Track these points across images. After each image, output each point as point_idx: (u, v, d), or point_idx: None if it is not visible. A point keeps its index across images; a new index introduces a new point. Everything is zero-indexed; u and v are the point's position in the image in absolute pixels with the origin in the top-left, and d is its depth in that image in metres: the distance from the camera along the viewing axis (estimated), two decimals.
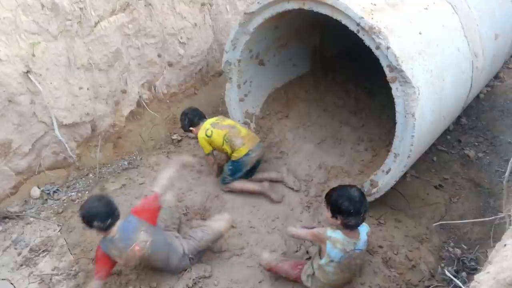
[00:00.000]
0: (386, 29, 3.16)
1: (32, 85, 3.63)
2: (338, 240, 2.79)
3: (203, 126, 4.04)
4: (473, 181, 4.25)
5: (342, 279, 3.04)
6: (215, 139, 3.95)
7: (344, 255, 2.82)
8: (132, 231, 2.92)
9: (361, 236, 2.86)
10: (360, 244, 2.86)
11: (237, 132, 3.97)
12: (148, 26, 4.43)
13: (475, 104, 5.17)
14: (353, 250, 2.83)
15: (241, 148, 3.92)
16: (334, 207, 2.76)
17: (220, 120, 4.11)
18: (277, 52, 4.72)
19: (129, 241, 2.89)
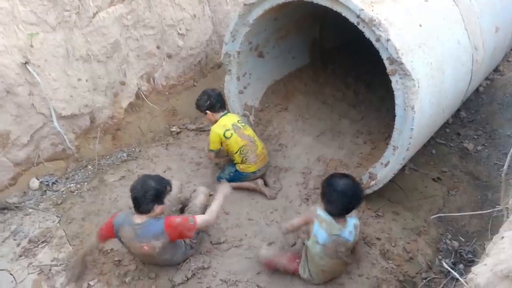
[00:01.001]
0: (386, 21, 3.14)
1: (30, 76, 3.62)
2: (325, 220, 2.91)
3: (223, 122, 3.91)
4: (472, 174, 4.26)
5: (331, 266, 3.07)
6: (231, 144, 3.87)
7: (329, 238, 2.90)
8: (152, 235, 2.90)
9: (347, 225, 2.94)
10: (345, 232, 2.93)
11: (254, 148, 3.93)
12: (147, 17, 4.40)
13: (474, 97, 5.17)
14: (338, 236, 2.91)
15: (252, 166, 3.94)
16: (323, 193, 2.96)
17: (242, 125, 3.97)
18: (277, 44, 4.70)
19: (144, 239, 2.91)
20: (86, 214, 3.67)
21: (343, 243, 2.95)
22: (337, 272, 3.19)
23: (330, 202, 2.90)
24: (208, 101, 3.96)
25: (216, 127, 3.89)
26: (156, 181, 2.94)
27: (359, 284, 3.24)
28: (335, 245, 2.94)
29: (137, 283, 3.14)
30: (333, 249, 2.96)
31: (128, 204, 3.75)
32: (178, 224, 2.94)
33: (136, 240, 2.92)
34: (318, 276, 3.12)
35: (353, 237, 3.00)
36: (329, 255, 2.98)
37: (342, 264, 3.14)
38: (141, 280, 3.17)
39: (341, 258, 3.03)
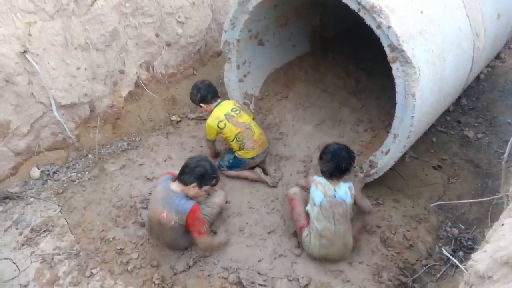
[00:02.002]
0: (387, 8, 3.12)
1: (29, 65, 3.60)
2: (320, 182, 3.24)
3: (216, 114, 3.90)
4: (472, 162, 4.26)
5: (329, 234, 3.16)
6: (226, 133, 3.88)
7: (325, 198, 3.17)
8: (175, 208, 3.04)
9: (341, 186, 3.22)
10: (340, 192, 3.19)
11: (251, 134, 3.91)
12: (146, 5, 4.36)
13: (475, 84, 5.15)
14: (333, 197, 3.17)
15: (250, 152, 3.93)
16: (319, 157, 3.34)
17: (236, 113, 3.93)
18: (277, 32, 4.66)
19: (167, 207, 3.04)
20: (87, 203, 3.69)
21: (339, 203, 3.16)
22: (337, 244, 3.21)
23: (324, 163, 3.26)
24: (198, 94, 3.99)
25: (210, 120, 3.91)
26: (211, 167, 3.17)
27: (359, 271, 3.27)
28: (331, 205, 3.16)
29: (139, 271, 3.17)
30: (329, 210, 3.16)
31: (129, 193, 3.77)
32: (197, 220, 3.10)
33: (161, 203, 3.06)
34: (317, 244, 3.21)
35: (350, 198, 3.19)
36: (326, 218, 3.16)
37: (342, 235, 3.19)
38: (143, 268, 3.19)
39: (340, 224, 3.16)
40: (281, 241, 3.49)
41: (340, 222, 3.17)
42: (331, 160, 3.23)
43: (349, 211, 3.22)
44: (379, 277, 3.22)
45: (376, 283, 3.19)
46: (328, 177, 3.25)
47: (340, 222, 3.17)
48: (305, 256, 3.35)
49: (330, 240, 3.19)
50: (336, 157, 3.23)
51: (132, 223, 3.52)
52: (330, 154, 3.26)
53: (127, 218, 3.56)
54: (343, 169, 3.23)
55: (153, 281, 3.11)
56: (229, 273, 3.19)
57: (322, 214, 3.17)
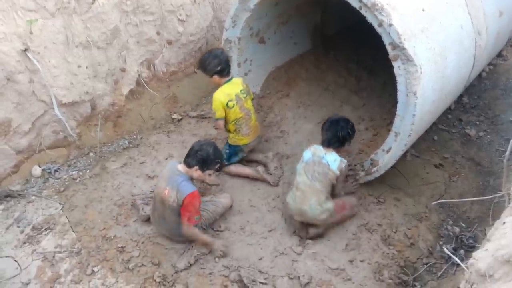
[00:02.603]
0: (388, 5, 3.11)
1: (30, 64, 3.60)
2: (315, 147, 3.48)
3: (227, 90, 3.77)
4: (473, 160, 4.25)
5: (305, 189, 3.35)
6: (229, 114, 3.80)
7: (312, 157, 3.40)
8: (177, 186, 3.11)
9: (333, 154, 3.39)
10: (329, 158, 3.36)
11: (249, 121, 3.91)
12: (147, 3, 4.35)
13: (477, 82, 5.13)
14: (320, 158, 3.37)
15: (244, 138, 3.92)
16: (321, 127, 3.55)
17: (244, 96, 3.86)
18: (278, 29, 4.65)
19: (170, 184, 3.14)
20: (89, 201, 3.69)
21: (323, 164, 3.35)
22: (310, 200, 3.32)
23: (324, 132, 3.47)
24: (219, 65, 3.75)
25: (220, 94, 3.75)
26: (214, 151, 3.20)
27: (360, 269, 3.27)
28: (315, 164, 3.37)
29: (140, 269, 3.18)
30: (311, 167, 3.37)
31: (130, 191, 3.77)
32: (192, 206, 3.11)
33: (166, 180, 3.19)
34: (293, 196, 3.42)
35: (336, 167, 3.34)
36: (306, 173, 3.38)
37: (314, 193, 3.32)
38: (145, 266, 3.20)
39: (315, 181, 3.32)
40: (282, 239, 3.50)
41: (316, 179, 3.34)
42: (329, 129, 3.44)
43: (330, 177, 3.35)
44: (380, 276, 3.22)
45: (377, 281, 3.19)
46: (326, 145, 3.43)
47: (316, 179, 3.34)
48: (306, 254, 3.36)
49: (303, 193, 3.36)
50: (334, 126, 3.43)
51: (133, 221, 3.53)
52: (329, 123, 3.49)
53: (128, 216, 3.57)
54: (341, 138, 3.41)
55: (154, 279, 3.11)
56: (230, 271, 3.19)
57: (304, 169, 3.39)
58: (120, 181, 3.89)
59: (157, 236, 3.41)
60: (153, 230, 3.45)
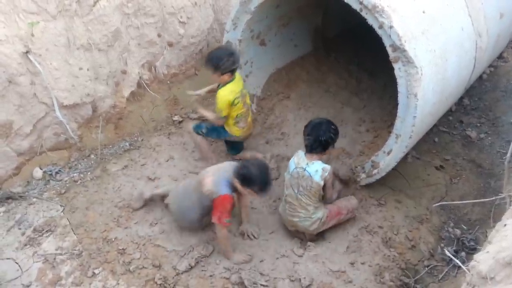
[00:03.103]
0: (389, 7, 3.11)
1: (32, 66, 3.60)
2: (298, 155, 3.38)
3: (233, 87, 3.70)
4: (474, 162, 4.25)
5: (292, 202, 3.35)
6: (234, 110, 3.77)
7: (295, 169, 3.31)
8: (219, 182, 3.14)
9: (316, 164, 3.27)
10: (311, 169, 3.26)
11: (247, 116, 3.94)
12: (148, 5, 4.36)
13: (478, 84, 5.13)
14: (303, 169, 3.27)
15: (240, 130, 3.93)
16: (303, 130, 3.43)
17: (244, 92, 3.86)
18: (279, 31, 4.66)
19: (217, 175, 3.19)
20: (90, 203, 3.69)
21: (306, 177, 3.26)
22: (299, 214, 3.33)
23: (306, 136, 3.35)
24: (234, 64, 3.63)
25: (227, 92, 3.66)
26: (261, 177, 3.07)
27: (361, 271, 3.27)
28: (298, 177, 3.29)
29: (141, 272, 3.18)
30: (295, 181, 3.30)
31: (131, 194, 3.77)
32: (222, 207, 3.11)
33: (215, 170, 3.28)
34: (283, 208, 3.45)
35: (319, 178, 3.23)
36: (292, 186, 3.33)
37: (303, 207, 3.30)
38: (146, 268, 3.20)
39: (302, 196, 3.28)
40: (283, 241, 3.50)
41: (302, 194, 3.29)
42: (310, 133, 3.32)
43: (315, 188, 3.27)
44: (381, 278, 3.22)
45: (378, 283, 3.19)
46: (309, 151, 3.33)
47: (302, 194, 3.29)
48: (307, 256, 3.35)
49: (293, 208, 3.36)
50: (315, 130, 3.30)
51: (135, 223, 3.53)
52: (310, 127, 3.36)
53: (130, 219, 3.57)
54: (323, 142, 3.28)
55: (155, 281, 3.11)
56: (231, 274, 3.19)
57: (290, 181, 3.35)
58: (121, 183, 3.89)
59: (158, 239, 3.41)
60: (154, 232, 3.45)
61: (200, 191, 3.18)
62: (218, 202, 3.12)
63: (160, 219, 3.57)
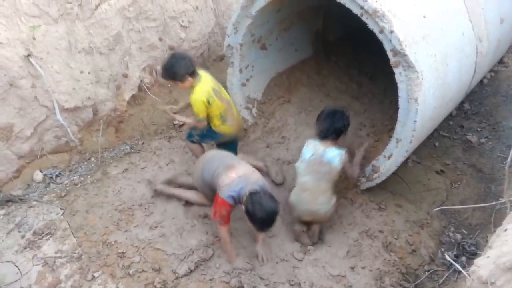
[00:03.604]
0: (390, 12, 3.12)
1: (33, 69, 3.61)
2: (312, 142, 3.46)
3: (204, 88, 3.57)
4: (475, 167, 4.25)
5: (312, 187, 3.36)
6: (212, 109, 3.62)
7: (312, 156, 3.38)
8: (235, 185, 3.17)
9: (331, 149, 3.38)
10: (328, 154, 3.37)
11: (232, 110, 3.80)
12: (149, 9, 4.38)
13: (478, 89, 5.14)
14: (321, 156, 3.36)
15: (230, 127, 3.79)
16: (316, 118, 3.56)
17: (219, 87, 3.74)
18: (280, 36, 4.67)
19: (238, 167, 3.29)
20: (90, 206, 3.69)
21: (325, 162, 3.35)
22: (318, 199, 3.37)
23: (320, 124, 3.47)
24: (190, 65, 3.49)
25: (199, 94, 3.53)
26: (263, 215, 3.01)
27: (361, 276, 3.26)
28: (317, 163, 3.36)
29: (141, 275, 3.17)
30: (315, 167, 3.36)
31: (131, 197, 3.77)
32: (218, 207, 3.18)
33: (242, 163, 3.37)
34: (299, 197, 3.42)
35: (338, 162, 3.35)
36: (310, 172, 3.37)
37: (322, 192, 3.36)
38: (145, 272, 3.19)
39: (320, 181, 3.34)
40: (283, 245, 3.49)
41: (321, 179, 3.35)
42: (325, 121, 3.44)
43: (334, 174, 3.37)
44: (381, 282, 3.21)
45: None
46: (322, 138, 3.42)
47: (321, 179, 3.35)
48: (307, 261, 3.34)
49: (311, 192, 3.36)
50: (330, 118, 3.44)
51: (134, 227, 3.52)
52: (325, 115, 3.49)
53: (129, 222, 3.56)
54: (338, 130, 3.42)
55: (154, 285, 3.11)
56: (230, 278, 3.18)
57: (308, 169, 3.38)
58: (121, 186, 3.89)
59: (157, 242, 3.40)
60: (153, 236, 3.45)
61: (218, 175, 3.25)
62: (217, 200, 3.18)
63: (160, 223, 3.56)
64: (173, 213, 3.65)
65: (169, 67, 3.51)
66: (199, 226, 3.55)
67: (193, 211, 3.68)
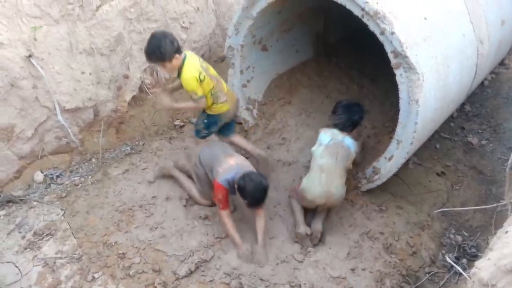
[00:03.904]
0: (391, 14, 3.12)
1: (34, 70, 3.62)
2: (329, 130, 3.60)
3: (192, 64, 3.43)
4: (476, 169, 4.24)
5: (329, 168, 3.44)
6: (204, 87, 3.48)
7: (332, 141, 3.51)
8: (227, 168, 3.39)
9: (348, 138, 3.56)
10: (347, 141, 3.54)
11: (222, 87, 3.71)
12: (150, 10, 4.39)
13: (479, 91, 5.14)
14: (341, 141, 3.51)
15: (224, 105, 3.72)
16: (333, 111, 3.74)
17: (206, 65, 3.63)
18: (281, 37, 4.68)
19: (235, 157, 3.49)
20: (90, 207, 3.69)
21: (343, 147, 3.49)
22: (335, 181, 3.45)
23: (338, 116, 3.63)
24: (174, 42, 3.32)
25: (190, 71, 3.40)
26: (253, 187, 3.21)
27: (362, 278, 3.25)
28: (336, 146, 3.49)
29: (141, 276, 3.17)
30: (334, 150, 3.48)
31: (132, 198, 3.77)
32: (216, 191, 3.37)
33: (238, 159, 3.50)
34: (317, 179, 3.44)
35: (354, 149, 3.54)
36: (330, 154, 3.47)
37: (339, 176, 3.46)
38: (145, 273, 3.19)
39: (339, 163, 3.45)
40: (283, 247, 3.49)
41: (340, 162, 3.46)
42: (343, 113, 3.61)
43: (350, 160, 3.52)
44: (382, 284, 3.20)
45: None
46: (340, 129, 3.58)
47: (340, 162, 3.46)
48: (308, 262, 3.34)
49: (330, 174, 3.43)
50: (348, 110, 3.62)
51: (135, 228, 3.52)
52: (343, 108, 3.65)
53: (130, 223, 3.56)
54: (355, 122, 3.62)
55: (154, 286, 3.10)
56: (231, 279, 3.18)
57: (327, 151, 3.48)
58: (121, 187, 3.89)
59: (158, 243, 3.40)
60: (154, 237, 3.45)
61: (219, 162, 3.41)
62: (214, 185, 3.39)
63: (161, 224, 3.56)
64: (173, 214, 3.65)
65: (155, 48, 3.31)
66: (199, 227, 3.55)
67: (194, 212, 3.68)
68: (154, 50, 3.32)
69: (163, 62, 3.37)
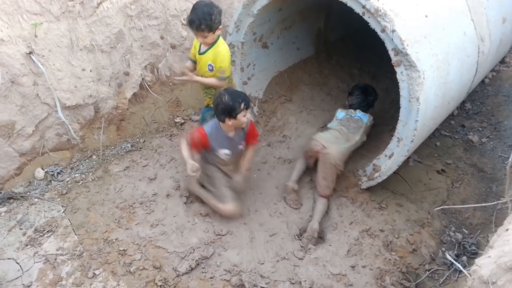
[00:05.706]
0: (392, 11, 3.12)
1: (34, 66, 3.62)
2: (344, 110, 4.12)
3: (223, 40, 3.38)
4: (476, 166, 4.25)
5: (339, 132, 3.92)
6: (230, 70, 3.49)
7: (346, 115, 4.06)
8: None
9: (361, 113, 4.07)
10: (359, 114, 4.05)
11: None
12: (151, 7, 4.38)
13: (480, 89, 5.13)
14: (354, 115, 4.03)
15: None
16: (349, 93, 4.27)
17: None
18: (281, 35, 4.67)
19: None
20: (91, 204, 3.70)
21: (355, 119, 4.01)
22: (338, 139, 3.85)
23: (354, 97, 4.15)
24: (219, 14, 3.24)
25: (226, 47, 3.35)
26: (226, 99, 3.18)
27: (362, 275, 3.26)
28: (349, 119, 4.03)
29: (142, 273, 3.18)
30: (347, 122, 4.01)
31: (132, 195, 3.78)
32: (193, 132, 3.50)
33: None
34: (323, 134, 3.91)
35: (367, 119, 4.01)
36: (344, 125, 3.99)
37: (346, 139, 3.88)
38: (146, 269, 3.20)
39: (351, 133, 3.93)
40: (283, 244, 3.49)
41: (352, 132, 3.94)
42: (360, 94, 4.13)
43: (363, 129, 3.96)
44: (382, 282, 3.21)
45: (379, 287, 3.18)
46: (355, 108, 4.07)
47: (352, 132, 3.94)
48: (308, 259, 3.35)
49: (340, 133, 3.90)
50: (364, 92, 4.14)
51: (135, 224, 3.53)
52: (359, 90, 4.17)
53: (131, 220, 3.57)
54: (370, 101, 4.14)
55: (155, 282, 3.11)
56: (231, 276, 3.19)
57: (341, 122, 4.01)
58: (122, 184, 3.89)
59: (158, 240, 3.41)
60: (154, 234, 3.46)
61: None
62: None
63: (161, 221, 3.57)
64: (174, 211, 3.66)
65: (205, 15, 3.16)
66: (200, 224, 3.56)
67: (194, 209, 3.69)
68: (205, 17, 3.17)
69: (209, 31, 3.23)
